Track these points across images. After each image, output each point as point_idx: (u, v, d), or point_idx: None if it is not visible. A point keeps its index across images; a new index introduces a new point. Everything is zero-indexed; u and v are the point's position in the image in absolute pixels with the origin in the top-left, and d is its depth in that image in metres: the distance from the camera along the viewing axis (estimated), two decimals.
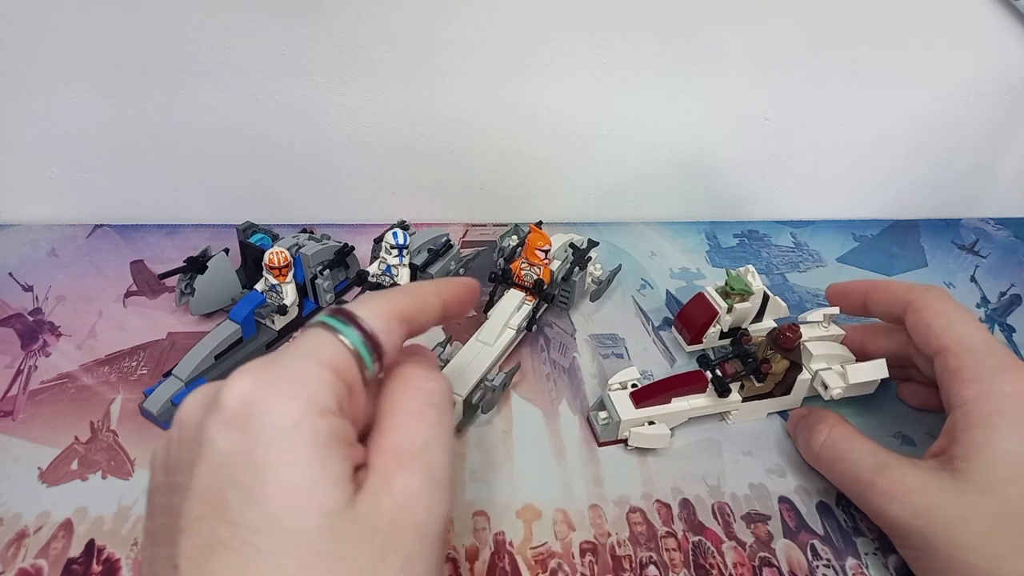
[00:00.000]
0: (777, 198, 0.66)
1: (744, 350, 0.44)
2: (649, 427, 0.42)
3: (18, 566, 0.36)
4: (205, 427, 0.23)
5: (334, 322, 0.26)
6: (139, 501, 0.39)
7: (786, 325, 0.43)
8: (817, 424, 0.40)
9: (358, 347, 0.26)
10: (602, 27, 0.54)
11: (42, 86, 0.53)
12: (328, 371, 0.25)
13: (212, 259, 0.49)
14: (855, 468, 0.37)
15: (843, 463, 0.38)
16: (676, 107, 0.59)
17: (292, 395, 0.23)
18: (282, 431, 0.23)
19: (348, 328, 0.26)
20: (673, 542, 0.39)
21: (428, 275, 0.50)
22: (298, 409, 0.23)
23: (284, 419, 0.23)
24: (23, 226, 0.59)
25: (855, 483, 0.37)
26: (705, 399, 0.44)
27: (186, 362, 0.44)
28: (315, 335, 0.26)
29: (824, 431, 0.40)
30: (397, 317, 0.28)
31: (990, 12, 0.56)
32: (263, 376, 0.24)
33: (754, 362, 0.43)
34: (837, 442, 0.39)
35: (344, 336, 0.26)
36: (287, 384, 0.24)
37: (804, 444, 0.42)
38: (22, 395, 0.45)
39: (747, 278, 0.48)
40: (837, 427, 0.40)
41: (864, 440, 0.38)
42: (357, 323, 0.26)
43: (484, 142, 0.59)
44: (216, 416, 0.23)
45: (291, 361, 0.25)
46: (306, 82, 0.54)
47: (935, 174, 0.66)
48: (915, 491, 0.34)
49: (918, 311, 0.39)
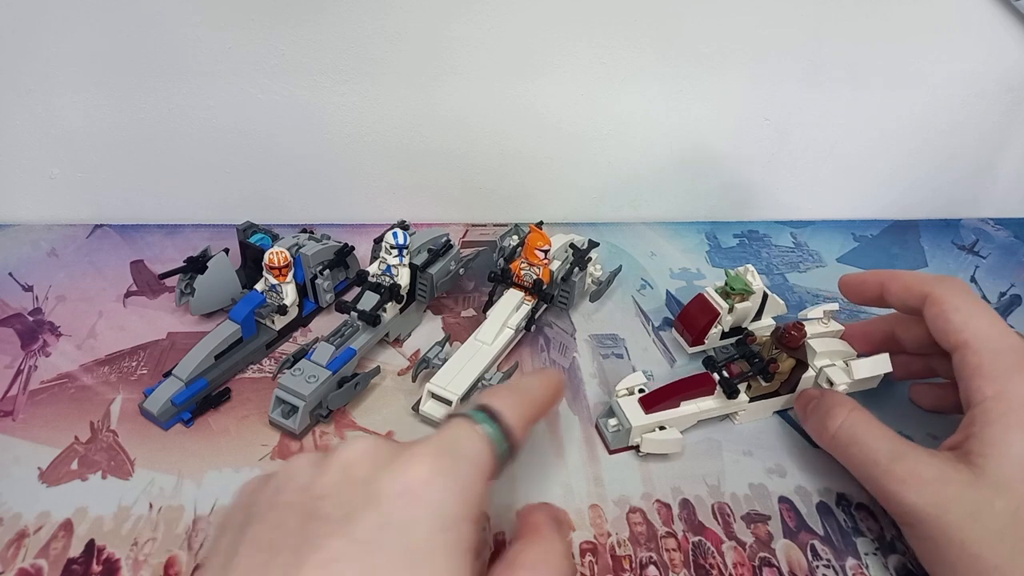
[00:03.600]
0: (777, 198, 0.66)
1: (749, 350, 0.44)
2: (661, 432, 0.42)
3: (18, 566, 0.35)
4: (379, 483, 0.26)
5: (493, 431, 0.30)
6: (139, 501, 0.39)
7: (791, 324, 0.43)
8: (834, 407, 0.40)
9: (502, 461, 0.30)
10: (602, 27, 0.54)
11: (42, 86, 0.53)
12: (484, 485, 0.29)
13: (212, 259, 0.49)
14: (872, 453, 0.37)
15: (859, 447, 0.38)
16: (676, 107, 0.59)
17: (459, 494, 0.27)
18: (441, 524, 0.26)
19: (503, 444, 0.30)
20: (673, 542, 0.39)
21: (428, 275, 0.50)
22: (460, 510, 0.27)
23: (448, 511, 0.26)
24: (23, 226, 0.59)
25: (871, 467, 0.37)
26: (713, 401, 0.44)
27: (186, 362, 0.44)
28: (481, 440, 0.30)
29: (841, 414, 0.39)
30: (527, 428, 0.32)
31: (990, 12, 0.56)
32: (441, 463, 0.27)
33: (761, 362, 0.43)
34: (855, 426, 0.38)
35: (498, 449, 0.30)
36: (460, 479, 0.28)
37: (817, 425, 0.41)
38: (22, 395, 0.45)
39: (747, 277, 0.48)
40: (855, 411, 0.39)
41: (882, 427, 0.38)
42: (510, 435, 0.31)
43: (484, 142, 0.59)
44: (392, 481, 0.26)
45: (463, 459, 0.28)
46: (306, 82, 0.55)
47: (935, 174, 0.66)
48: (933, 481, 0.34)
49: (936, 304, 0.39)
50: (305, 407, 0.42)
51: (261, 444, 0.43)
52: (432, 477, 0.27)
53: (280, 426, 0.43)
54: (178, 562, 0.36)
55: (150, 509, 0.38)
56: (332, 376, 0.43)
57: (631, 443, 0.43)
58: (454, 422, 0.30)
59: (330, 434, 0.43)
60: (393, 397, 0.46)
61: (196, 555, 0.36)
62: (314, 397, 0.42)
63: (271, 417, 0.43)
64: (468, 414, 0.30)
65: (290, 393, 0.42)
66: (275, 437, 0.43)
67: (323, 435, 0.43)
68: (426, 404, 0.44)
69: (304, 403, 0.42)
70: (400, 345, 0.51)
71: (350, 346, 0.45)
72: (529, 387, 0.34)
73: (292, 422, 0.42)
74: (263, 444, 0.43)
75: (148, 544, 0.37)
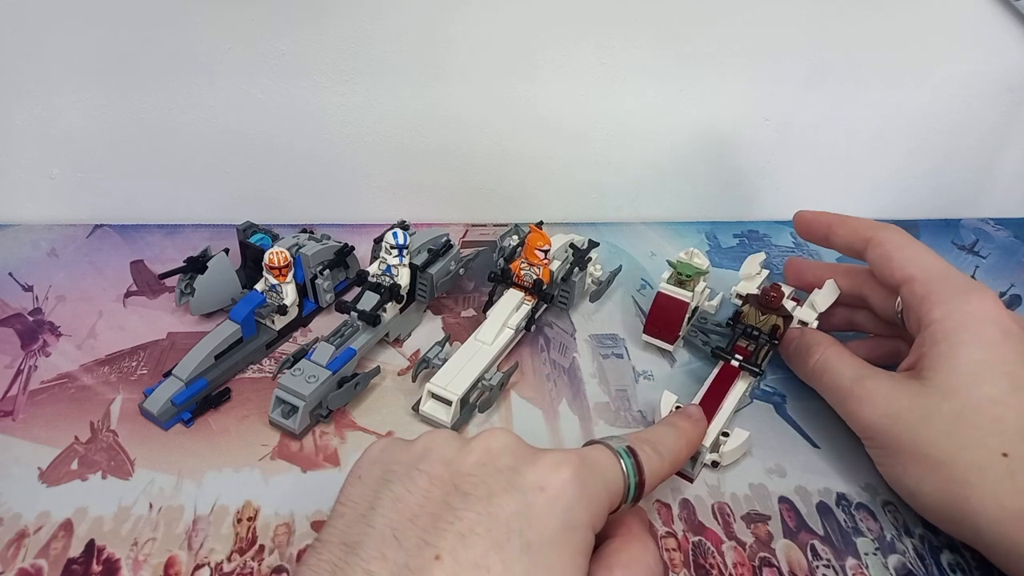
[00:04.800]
0: (777, 198, 0.66)
1: (745, 328, 0.46)
2: (731, 438, 0.42)
3: (18, 566, 0.35)
4: (522, 475, 0.28)
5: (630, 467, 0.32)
6: (139, 501, 0.39)
7: (768, 287, 0.45)
8: (813, 344, 0.44)
9: (629, 496, 0.31)
10: (602, 27, 0.54)
11: (42, 86, 0.53)
12: (607, 508, 0.30)
13: (212, 259, 0.49)
14: (838, 378, 0.41)
15: (829, 375, 0.42)
16: (676, 107, 0.59)
17: (589, 504, 0.29)
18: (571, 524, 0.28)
19: (633, 487, 0.31)
20: (673, 542, 0.39)
21: (428, 275, 0.50)
22: (586, 517, 0.28)
23: (578, 516, 0.28)
24: (23, 226, 0.59)
25: (836, 391, 0.41)
26: (741, 383, 0.45)
27: (186, 362, 0.44)
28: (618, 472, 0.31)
29: (819, 350, 0.43)
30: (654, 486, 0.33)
31: (990, 12, 0.56)
32: (581, 473, 0.29)
33: (762, 334, 0.45)
34: (828, 359, 0.43)
35: (631, 482, 0.31)
36: (591, 492, 0.29)
37: (800, 362, 0.45)
38: (22, 395, 0.45)
39: (693, 261, 0.48)
40: (832, 347, 0.43)
41: (852, 356, 0.42)
42: (641, 476, 0.32)
43: (484, 142, 0.59)
44: (536, 475, 0.28)
45: (599, 478, 0.30)
46: (306, 82, 0.55)
47: (935, 174, 0.66)
48: (885, 395, 0.39)
49: (880, 245, 0.43)
50: (305, 407, 0.42)
51: (261, 444, 0.43)
52: (571, 480, 0.28)
53: (280, 426, 0.43)
54: (178, 562, 0.36)
55: (150, 509, 0.38)
56: (332, 376, 0.43)
57: (707, 462, 0.42)
58: (599, 447, 0.32)
59: (330, 434, 0.43)
60: (393, 397, 0.46)
61: (196, 555, 0.37)
62: (314, 397, 0.42)
63: (271, 417, 0.43)
64: (613, 447, 0.32)
65: (290, 393, 0.42)
66: (275, 437, 0.43)
67: (323, 435, 0.43)
68: (426, 404, 0.44)
69: (304, 403, 0.42)
70: (400, 345, 0.51)
71: (350, 346, 0.45)
72: (670, 446, 0.35)
73: (292, 422, 0.42)
74: (263, 444, 0.43)
75: (148, 544, 0.37)
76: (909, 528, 0.40)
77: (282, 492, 0.40)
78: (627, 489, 0.31)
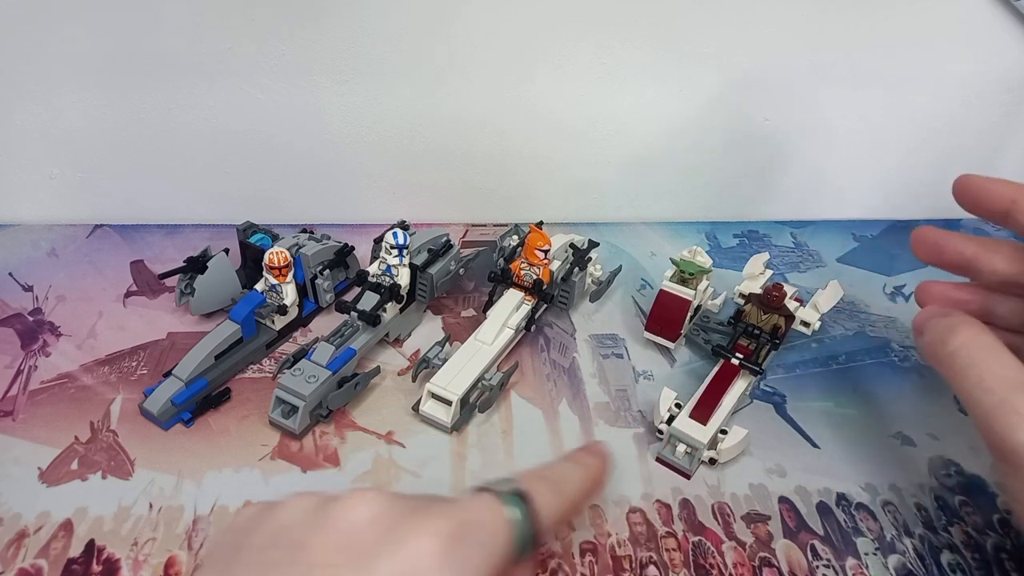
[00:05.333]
0: (777, 198, 0.66)
1: (747, 327, 0.46)
2: (729, 436, 0.42)
3: (18, 566, 0.36)
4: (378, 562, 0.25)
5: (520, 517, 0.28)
6: (139, 501, 0.39)
7: (770, 287, 0.45)
8: (960, 323, 0.35)
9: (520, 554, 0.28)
10: (602, 28, 0.54)
11: (42, 86, 0.53)
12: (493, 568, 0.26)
13: (212, 259, 0.49)
14: (990, 379, 0.32)
15: (977, 369, 0.33)
16: (676, 107, 0.59)
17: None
18: None
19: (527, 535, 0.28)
20: (673, 542, 0.39)
21: (428, 275, 0.50)
22: None
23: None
24: (23, 226, 0.59)
25: (984, 394, 0.32)
26: (741, 381, 0.45)
27: (186, 362, 0.44)
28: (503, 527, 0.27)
29: (966, 331, 0.34)
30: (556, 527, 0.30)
31: (990, 12, 0.56)
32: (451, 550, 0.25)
33: (763, 333, 0.45)
34: (980, 348, 0.34)
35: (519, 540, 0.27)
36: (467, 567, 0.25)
37: (935, 339, 0.36)
38: (22, 395, 0.45)
39: (696, 259, 0.49)
40: (983, 333, 0.34)
41: (1009, 354, 0.33)
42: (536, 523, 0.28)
43: (484, 142, 0.59)
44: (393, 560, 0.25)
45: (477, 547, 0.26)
46: (306, 82, 0.54)
47: (935, 174, 0.66)
48: None
49: None
50: (305, 407, 0.42)
51: (261, 444, 0.43)
52: (438, 563, 0.25)
53: (280, 426, 0.43)
54: (178, 562, 0.36)
55: (150, 509, 0.38)
56: (332, 376, 0.43)
57: (705, 460, 0.42)
58: (481, 498, 0.28)
59: (330, 434, 0.43)
60: (393, 397, 0.46)
61: (196, 555, 0.37)
62: (314, 397, 0.42)
63: (271, 417, 0.43)
64: (500, 494, 0.29)
65: (290, 393, 0.42)
66: (275, 437, 0.43)
67: (323, 435, 0.43)
68: (426, 404, 0.44)
69: (304, 403, 0.42)
70: (400, 345, 0.51)
71: (350, 346, 0.45)
72: (572, 483, 0.32)
73: (292, 422, 0.42)
74: (263, 444, 0.43)
75: (148, 544, 0.37)
76: (909, 528, 0.40)
77: (282, 492, 0.39)
78: (518, 545, 0.28)
